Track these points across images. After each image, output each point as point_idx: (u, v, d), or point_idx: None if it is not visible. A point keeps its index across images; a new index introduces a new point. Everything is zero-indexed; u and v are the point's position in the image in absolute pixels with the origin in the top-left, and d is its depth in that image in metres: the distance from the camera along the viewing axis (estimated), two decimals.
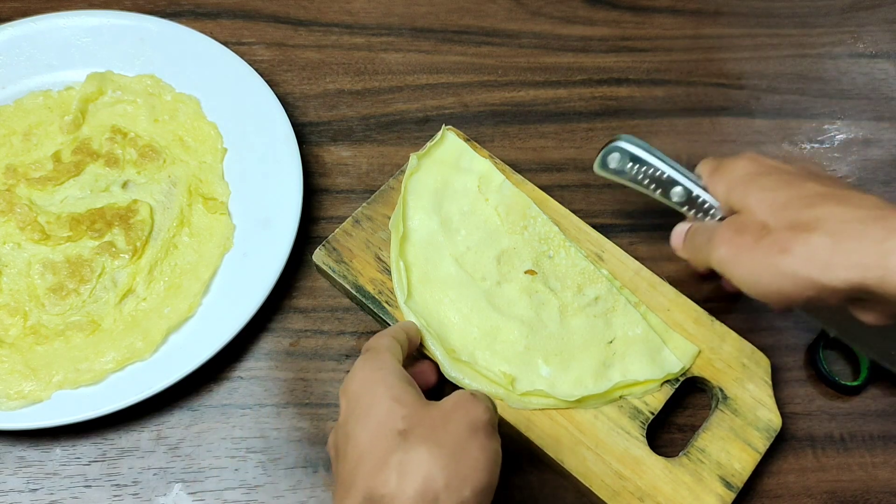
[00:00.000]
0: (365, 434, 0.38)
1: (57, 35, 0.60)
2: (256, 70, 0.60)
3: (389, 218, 0.54)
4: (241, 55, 0.60)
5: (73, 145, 0.57)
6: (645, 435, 0.49)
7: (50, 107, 0.59)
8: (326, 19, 0.66)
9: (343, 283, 0.53)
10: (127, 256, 0.54)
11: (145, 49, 0.61)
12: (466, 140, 0.58)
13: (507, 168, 0.58)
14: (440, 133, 0.57)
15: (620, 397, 0.51)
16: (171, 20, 0.62)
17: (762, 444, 0.50)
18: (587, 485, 0.48)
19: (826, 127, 0.66)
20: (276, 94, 0.59)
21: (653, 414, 0.50)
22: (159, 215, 0.56)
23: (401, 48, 0.66)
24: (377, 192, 0.56)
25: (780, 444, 0.53)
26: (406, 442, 0.36)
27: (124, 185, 0.57)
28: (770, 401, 0.51)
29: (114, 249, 0.54)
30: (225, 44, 0.61)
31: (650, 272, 0.55)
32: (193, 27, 0.61)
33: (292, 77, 0.64)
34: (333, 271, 0.53)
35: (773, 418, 0.51)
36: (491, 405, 0.40)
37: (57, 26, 0.61)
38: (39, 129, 0.58)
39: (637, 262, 0.55)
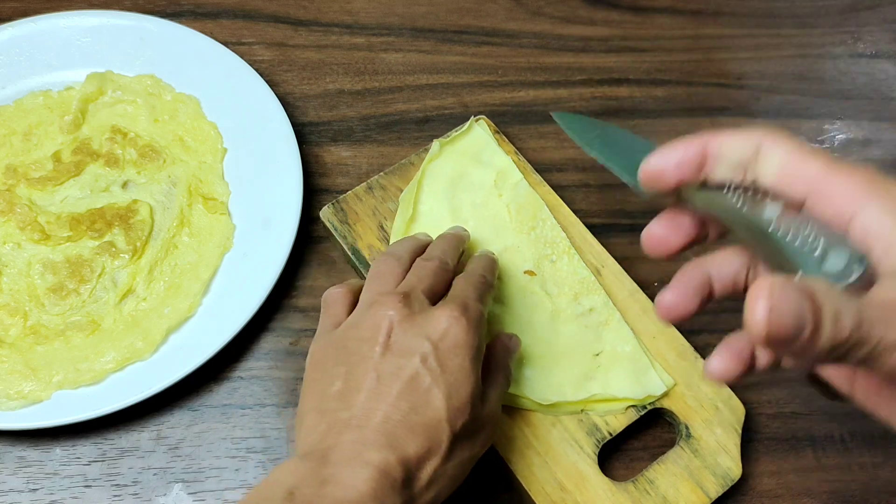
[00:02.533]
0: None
1: (57, 35, 0.60)
2: (256, 70, 0.59)
3: (402, 191, 0.55)
4: (241, 55, 0.60)
5: (73, 145, 0.57)
6: (597, 454, 0.49)
7: (50, 107, 0.59)
8: (326, 19, 0.66)
9: (342, 244, 0.54)
10: (127, 256, 0.54)
11: (145, 49, 0.61)
12: (496, 132, 0.58)
13: (529, 167, 0.58)
14: (468, 123, 0.58)
15: (582, 411, 0.50)
16: (171, 20, 0.61)
17: (714, 490, 0.48)
18: (527, 488, 0.47)
19: (826, 127, 0.66)
20: (276, 94, 0.59)
21: (611, 434, 0.49)
22: (159, 215, 0.56)
23: (401, 48, 0.66)
24: (397, 165, 0.57)
25: (781, 444, 0.53)
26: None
27: (124, 185, 0.57)
28: (735, 450, 0.49)
29: (114, 249, 0.54)
30: (225, 44, 0.61)
31: (645, 296, 0.54)
32: (193, 27, 0.61)
33: (292, 77, 0.63)
34: (335, 230, 0.54)
35: (732, 467, 0.49)
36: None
37: (57, 26, 0.60)
38: (39, 129, 0.58)
39: (634, 284, 0.54)
